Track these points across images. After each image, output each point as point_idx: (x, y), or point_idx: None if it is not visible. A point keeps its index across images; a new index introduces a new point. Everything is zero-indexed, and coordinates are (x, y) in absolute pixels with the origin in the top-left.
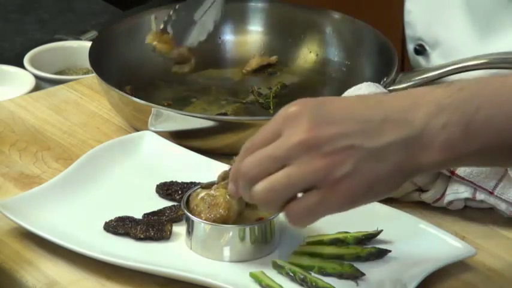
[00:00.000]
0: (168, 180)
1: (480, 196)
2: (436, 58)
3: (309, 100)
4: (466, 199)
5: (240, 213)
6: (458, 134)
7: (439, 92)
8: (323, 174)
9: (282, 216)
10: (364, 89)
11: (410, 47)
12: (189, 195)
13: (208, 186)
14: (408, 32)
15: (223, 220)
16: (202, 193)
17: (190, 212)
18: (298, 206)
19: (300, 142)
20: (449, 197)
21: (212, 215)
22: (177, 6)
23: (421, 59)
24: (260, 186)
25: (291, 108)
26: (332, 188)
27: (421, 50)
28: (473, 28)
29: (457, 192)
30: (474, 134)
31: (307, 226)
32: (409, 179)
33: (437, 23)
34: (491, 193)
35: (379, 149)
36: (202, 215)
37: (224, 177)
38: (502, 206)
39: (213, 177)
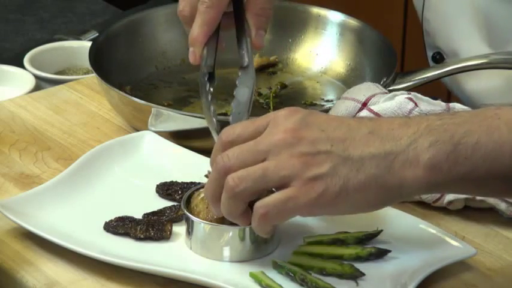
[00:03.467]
0: (168, 180)
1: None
2: None
3: (297, 109)
4: (466, 199)
5: None
6: (444, 155)
7: (431, 117)
8: (298, 171)
9: None
10: (364, 89)
11: (429, 53)
12: (191, 195)
13: None
14: (427, 39)
15: (220, 221)
16: (203, 193)
17: (190, 212)
18: (267, 200)
19: (281, 139)
20: (449, 196)
21: (209, 216)
22: None
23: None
24: (235, 174)
25: (282, 111)
26: (304, 186)
27: (439, 59)
28: (490, 41)
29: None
30: (461, 157)
31: (307, 226)
32: (394, 199)
33: (455, 33)
34: None
35: (359, 159)
36: (201, 215)
37: None
38: (502, 206)
39: None
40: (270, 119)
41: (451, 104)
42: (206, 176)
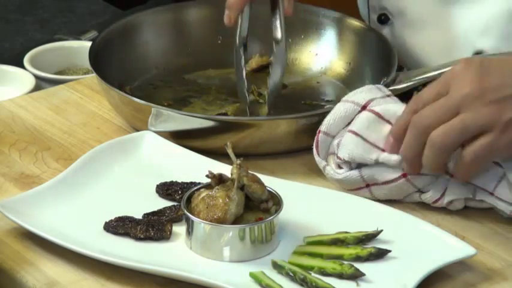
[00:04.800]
0: (168, 180)
1: (480, 196)
2: (400, 28)
3: (470, 59)
4: (466, 199)
5: (237, 216)
6: None
7: None
8: (493, 118)
9: (281, 216)
10: (365, 92)
11: (374, 16)
12: (191, 195)
13: (211, 185)
14: (372, 2)
15: (219, 222)
16: (204, 193)
17: (190, 212)
18: (473, 147)
19: (470, 92)
20: (449, 197)
21: (209, 216)
22: None
23: (385, 29)
24: (438, 131)
25: (456, 67)
26: (502, 131)
27: (384, 20)
28: None
29: (457, 193)
30: None
31: (307, 226)
32: None
33: None
34: (491, 194)
35: None
36: (200, 215)
37: (220, 180)
38: (502, 206)
39: None
40: (449, 77)
41: None
42: (207, 176)
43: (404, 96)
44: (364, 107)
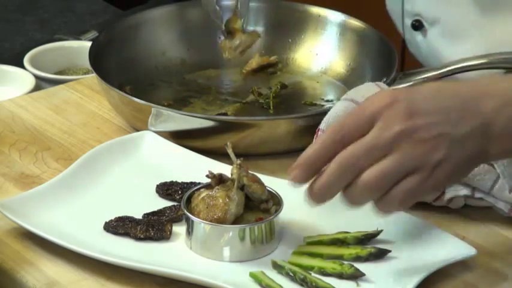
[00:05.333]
0: (168, 180)
1: (479, 194)
2: (434, 35)
3: (398, 91)
4: (466, 197)
5: (237, 216)
6: None
7: (505, 84)
8: (423, 159)
9: (281, 216)
10: (365, 90)
11: (408, 21)
12: (191, 195)
13: (211, 185)
14: (407, 6)
15: (219, 222)
16: (204, 193)
17: (190, 212)
18: (401, 188)
19: (402, 130)
20: (449, 194)
21: (209, 216)
22: None
23: (418, 35)
24: (371, 173)
25: (382, 100)
26: (431, 172)
27: (418, 26)
28: (476, 6)
29: (456, 190)
30: None
31: (307, 226)
32: (475, 168)
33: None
34: (488, 194)
35: (462, 136)
36: (200, 215)
37: (220, 180)
38: (501, 205)
39: None
40: (374, 111)
41: None
42: (207, 176)
43: None
44: None
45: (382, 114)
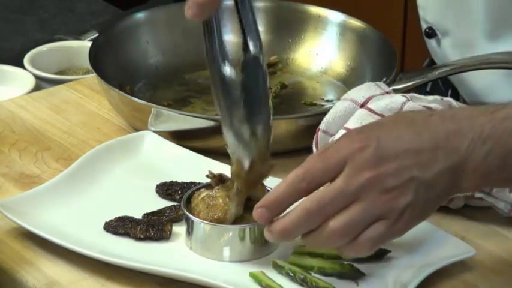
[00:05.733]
0: (168, 180)
1: (479, 194)
2: (447, 47)
3: (368, 134)
4: (466, 197)
5: (237, 216)
6: (497, 165)
7: (483, 119)
8: (390, 206)
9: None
10: (364, 89)
11: (423, 26)
12: (191, 195)
13: (211, 185)
14: (421, 13)
15: (220, 222)
16: (204, 193)
17: (190, 212)
18: (368, 234)
19: (370, 179)
20: None
21: (209, 216)
22: None
23: (432, 42)
24: (338, 222)
25: (354, 143)
26: (398, 217)
27: (431, 34)
28: (488, 23)
29: None
30: (510, 164)
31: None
32: (447, 200)
33: (450, 12)
34: (488, 194)
35: (432, 178)
36: (200, 215)
37: (220, 180)
38: (501, 205)
39: None
40: (343, 155)
41: (446, 99)
42: (207, 176)
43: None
44: (362, 105)
45: (351, 160)
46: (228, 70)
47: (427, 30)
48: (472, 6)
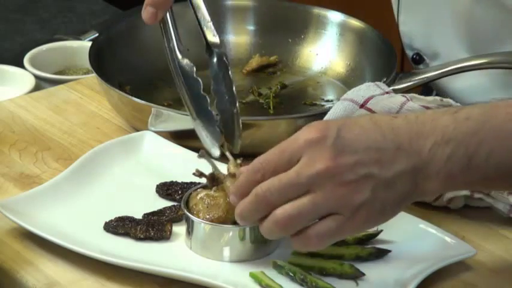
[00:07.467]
0: (168, 180)
1: (478, 194)
2: None
3: (329, 125)
4: (466, 197)
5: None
6: (460, 167)
7: (445, 120)
8: (344, 201)
9: None
10: (364, 90)
11: (409, 53)
12: (190, 195)
13: (208, 186)
14: (405, 40)
15: (221, 221)
16: (202, 193)
17: (190, 212)
18: (318, 228)
19: (324, 170)
20: (448, 194)
21: (211, 215)
22: None
23: (421, 67)
24: (285, 211)
25: (312, 133)
26: (353, 214)
27: (419, 60)
28: (471, 45)
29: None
30: (475, 167)
31: None
32: (409, 204)
33: (435, 36)
34: (487, 194)
35: (391, 178)
36: (200, 214)
37: (212, 179)
38: (500, 205)
39: None
40: (301, 145)
41: (446, 99)
42: (194, 174)
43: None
44: (362, 105)
45: (308, 150)
46: (185, 62)
47: (414, 56)
48: (453, 26)
